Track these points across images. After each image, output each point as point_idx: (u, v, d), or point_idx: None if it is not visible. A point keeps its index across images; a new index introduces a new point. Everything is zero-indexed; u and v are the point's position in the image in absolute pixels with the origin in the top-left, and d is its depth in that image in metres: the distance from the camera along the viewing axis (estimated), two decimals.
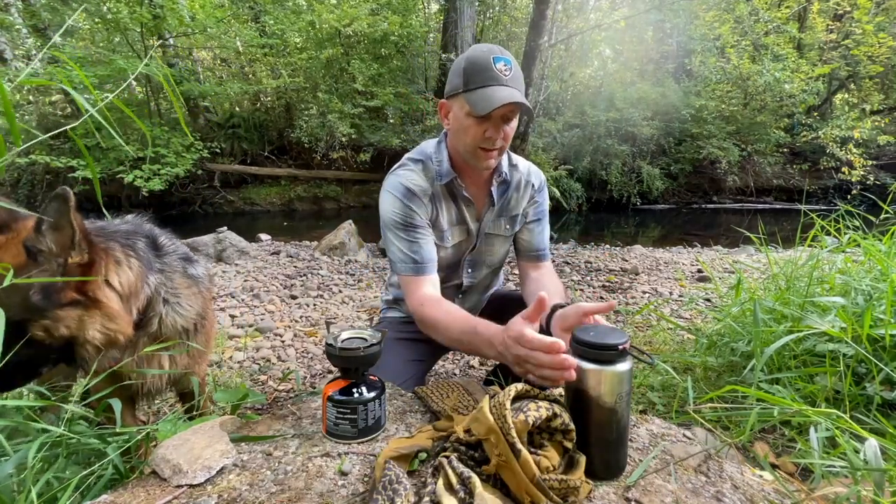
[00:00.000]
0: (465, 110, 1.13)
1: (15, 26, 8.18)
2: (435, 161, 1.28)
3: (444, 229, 1.32)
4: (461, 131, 1.17)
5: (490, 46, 1.14)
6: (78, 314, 0.87)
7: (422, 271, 1.23)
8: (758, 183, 10.99)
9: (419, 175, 1.26)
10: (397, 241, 1.24)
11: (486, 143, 1.16)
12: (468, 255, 1.41)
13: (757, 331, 1.18)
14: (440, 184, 1.27)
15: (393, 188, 1.25)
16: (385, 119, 10.24)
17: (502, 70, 1.10)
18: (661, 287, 3.72)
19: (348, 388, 0.88)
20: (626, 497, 0.75)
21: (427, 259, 1.24)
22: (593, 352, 0.77)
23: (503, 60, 1.11)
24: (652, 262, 4.79)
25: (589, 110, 9.90)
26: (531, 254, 1.43)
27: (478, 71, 1.10)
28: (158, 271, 1.02)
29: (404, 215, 1.23)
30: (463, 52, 1.18)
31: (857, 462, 0.74)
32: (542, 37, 6.40)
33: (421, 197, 1.25)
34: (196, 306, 1.08)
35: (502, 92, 1.09)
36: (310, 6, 9.39)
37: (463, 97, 1.13)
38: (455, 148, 1.25)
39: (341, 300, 3.35)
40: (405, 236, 1.23)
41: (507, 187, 1.36)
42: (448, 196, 1.31)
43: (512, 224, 1.41)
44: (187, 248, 1.18)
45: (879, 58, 9.95)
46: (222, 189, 9.31)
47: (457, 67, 1.15)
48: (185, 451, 0.78)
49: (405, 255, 1.23)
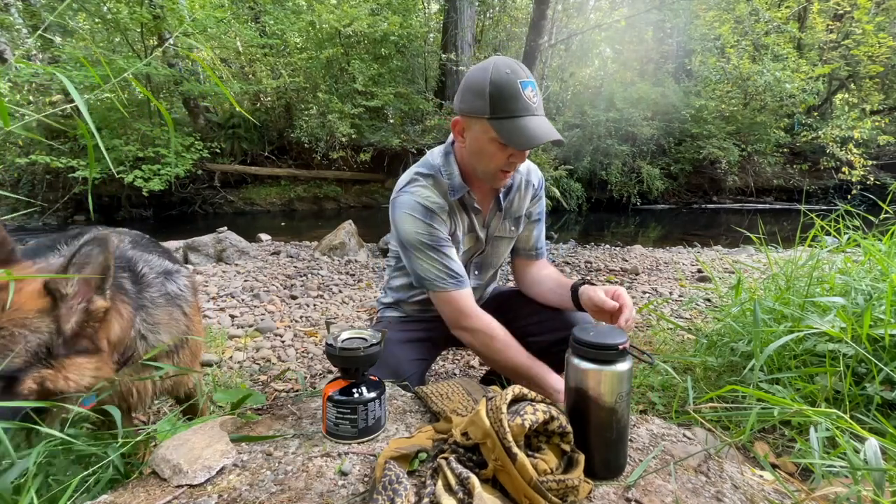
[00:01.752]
0: (489, 135, 1.10)
1: (15, 26, 8.18)
2: (445, 175, 1.26)
3: (459, 240, 1.33)
4: (483, 154, 1.15)
5: (513, 67, 1.07)
6: (81, 362, 0.83)
7: (462, 284, 1.24)
8: (758, 183, 10.98)
9: (432, 191, 1.25)
10: (428, 261, 1.23)
11: (508, 167, 1.17)
12: (476, 258, 1.42)
13: (756, 331, 1.18)
14: (454, 199, 1.26)
15: (411, 209, 1.22)
16: (385, 119, 10.24)
17: (531, 97, 1.06)
18: (661, 287, 3.72)
19: (348, 388, 0.88)
20: (626, 497, 0.75)
21: (462, 273, 1.25)
22: (593, 352, 0.77)
23: (530, 85, 1.07)
24: (652, 262, 4.79)
25: (589, 110, 9.89)
26: (529, 252, 1.44)
27: (506, 98, 1.06)
28: (140, 307, 0.98)
29: (430, 235, 1.22)
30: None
31: (857, 462, 0.74)
32: (542, 37, 6.40)
33: (440, 214, 1.24)
34: (177, 331, 1.05)
35: (539, 127, 1.07)
36: (310, 6, 9.39)
37: (489, 123, 1.09)
38: (467, 164, 1.24)
39: (341, 300, 3.35)
40: (436, 255, 1.22)
41: (510, 190, 1.37)
42: (461, 209, 1.31)
43: (517, 225, 1.42)
44: (166, 257, 1.14)
45: (879, 58, 9.94)
46: (222, 189, 9.31)
47: (478, 86, 1.08)
48: (185, 451, 0.78)
49: (442, 273, 1.22)
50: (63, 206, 8.01)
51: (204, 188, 9.14)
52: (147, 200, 8.29)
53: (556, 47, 9.28)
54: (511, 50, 10.82)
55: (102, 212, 8.33)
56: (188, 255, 4.28)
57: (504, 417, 0.69)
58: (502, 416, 0.69)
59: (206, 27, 8.38)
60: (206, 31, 8.45)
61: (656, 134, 9.96)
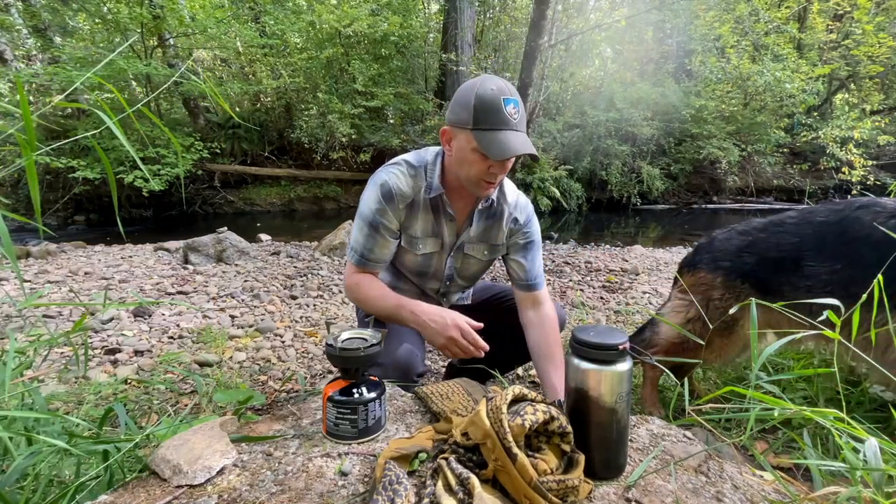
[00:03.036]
0: (471, 145, 1.17)
1: (15, 27, 8.18)
2: (429, 173, 1.33)
3: (416, 236, 1.37)
4: (465, 163, 1.22)
5: (500, 85, 1.16)
6: None
7: (365, 267, 1.35)
8: (758, 183, 10.98)
9: (407, 180, 1.31)
10: (359, 232, 1.34)
11: (490, 178, 1.22)
12: (444, 268, 1.46)
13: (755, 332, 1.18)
14: (427, 196, 1.32)
15: (380, 186, 1.31)
16: (385, 119, 10.24)
17: (511, 114, 1.15)
18: (661, 287, 3.72)
19: (348, 388, 0.88)
20: (626, 497, 0.75)
21: (376, 259, 1.35)
22: (593, 352, 0.77)
23: (513, 103, 1.15)
24: (652, 262, 4.79)
25: (589, 110, 9.89)
26: (523, 283, 1.44)
27: (488, 111, 1.14)
28: None
29: (377, 214, 1.30)
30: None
31: (856, 462, 0.74)
32: (542, 37, 6.39)
33: (398, 203, 1.30)
34: None
35: (515, 140, 1.14)
36: (310, 6, 9.39)
37: (471, 134, 1.16)
38: (452, 171, 1.29)
39: (341, 300, 3.35)
40: (368, 233, 1.32)
41: (492, 216, 1.40)
42: (428, 208, 1.35)
43: (491, 252, 1.46)
44: None
45: (879, 58, 9.93)
46: (222, 189, 9.31)
47: (464, 100, 1.18)
48: (185, 452, 0.78)
49: (359, 247, 1.33)
50: (63, 206, 8.01)
51: (204, 188, 9.13)
52: (147, 200, 8.29)
53: (556, 47, 9.26)
54: (511, 50, 10.82)
55: (102, 212, 8.32)
56: (188, 256, 4.28)
57: (504, 418, 0.69)
58: (502, 417, 0.69)
59: (206, 27, 8.38)
60: (206, 32, 8.45)
61: (656, 134, 9.95)
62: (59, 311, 2.76)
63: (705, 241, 1.61)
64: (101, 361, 2.19)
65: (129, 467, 0.85)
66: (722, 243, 1.53)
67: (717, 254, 1.52)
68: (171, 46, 8.91)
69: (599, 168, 9.79)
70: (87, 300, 3.10)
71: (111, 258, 4.41)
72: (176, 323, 2.73)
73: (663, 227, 8.73)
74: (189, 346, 2.42)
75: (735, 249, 1.47)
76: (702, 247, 1.60)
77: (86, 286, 3.43)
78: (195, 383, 1.88)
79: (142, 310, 2.80)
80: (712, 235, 1.60)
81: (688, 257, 1.63)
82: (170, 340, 2.50)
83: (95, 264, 4.12)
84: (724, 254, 1.50)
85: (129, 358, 2.24)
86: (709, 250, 1.55)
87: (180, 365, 2.16)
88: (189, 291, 3.39)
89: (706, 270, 1.52)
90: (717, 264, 1.49)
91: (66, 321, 2.65)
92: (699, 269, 1.54)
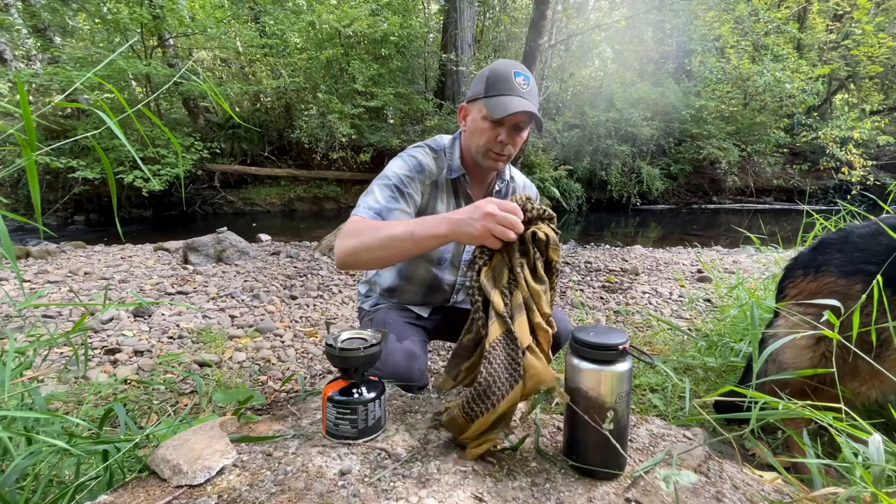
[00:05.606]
0: (482, 114, 1.24)
1: (15, 27, 8.18)
2: (448, 155, 1.38)
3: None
4: (477, 132, 1.27)
5: (514, 63, 1.25)
6: None
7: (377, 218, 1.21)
8: (758, 183, 10.99)
9: (432, 160, 1.35)
10: (380, 194, 1.23)
11: (498, 148, 1.26)
12: (462, 252, 1.45)
13: (755, 332, 1.19)
14: (449, 177, 1.36)
15: (408, 157, 1.33)
16: (385, 119, 10.23)
17: (521, 84, 1.22)
18: (661, 287, 3.72)
19: (348, 388, 0.88)
20: (626, 497, 0.75)
21: (389, 218, 1.21)
22: (593, 352, 0.77)
23: (523, 75, 1.22)
24: (652, 262, 4.79)
25: (589, 110, 9.89)
26: None
27: (498, 80, 1.21)
28: None
29: (404, 181, 1.27)
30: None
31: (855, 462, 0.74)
32: (542, 37, 6.39)
33: (426, 177, 1.33)
34: None
35: (518, 101, 1.19)
36: (310, 6, 9.38)
37: (482, 102, 1.23)
38: (468, 147, 1.33)
39: (341, 300, 3.35)
40: (391, 194, 1.24)
41: (504, 197, 1.38)
42: (450, 190, 1.39)
43: None
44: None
45: (879, 58, 9.94)
46: (222, 189, 9.31)
47: (480, 76, 1.26)
48: (185, 452, 0.78)
49: (378, 206, 1.21)
50: (63, 206, 8.01)
51: (204, 188, 9.13)
52: (147, 200, 8.29)
53: (556, 48, 9.26)
54: (511, 50, 10.82)
55: (102, 212, 8.32)
56: (188, 256, 4.28)
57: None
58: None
59: (205, 27, 8.38)
60: (205, 32, 8.45)
61: (656, 134, 9.96)
62: (59, 311, 2.76)
63: (834, 237, 1.25)
64: (100, 361, 2.19)
65: (129, 467, 0.85)
66: (863, 240, 1.18)
67: (855, 254, 1.17)
68: (170, 46, 8.90)
69: (599, 168, 9.79)
70: (86, 300, 3.10)
71: (111, 258, 4.41)
72: (176, 323, 2.72)
73: (663, 228, 8.74)
74: (189, 347, 2.41)
75: (884, 249, 1.12)
76: (829, 243, 1.24)
77: (85, 286, 3.43)
78: (195, 383, 1.88)
79: (141, 310, 2.80)
80: (846, 230, 1.26)
81: (803, 257, 1.28)
82: (169, 340, 2.49)
83: (95, 264, 4.12)
84: (866, 254, 1.15)
85: (128, 358, 2.24)
86: (841, 248, 1.20)
87: (180, 365, 2.16)
88: (189, 291, 3.39)
89: (837, 275, 1.17)
90: (857, 267, 1.15)
91: (65, 321, 2.65)
92: (825, 273, 1.19)
